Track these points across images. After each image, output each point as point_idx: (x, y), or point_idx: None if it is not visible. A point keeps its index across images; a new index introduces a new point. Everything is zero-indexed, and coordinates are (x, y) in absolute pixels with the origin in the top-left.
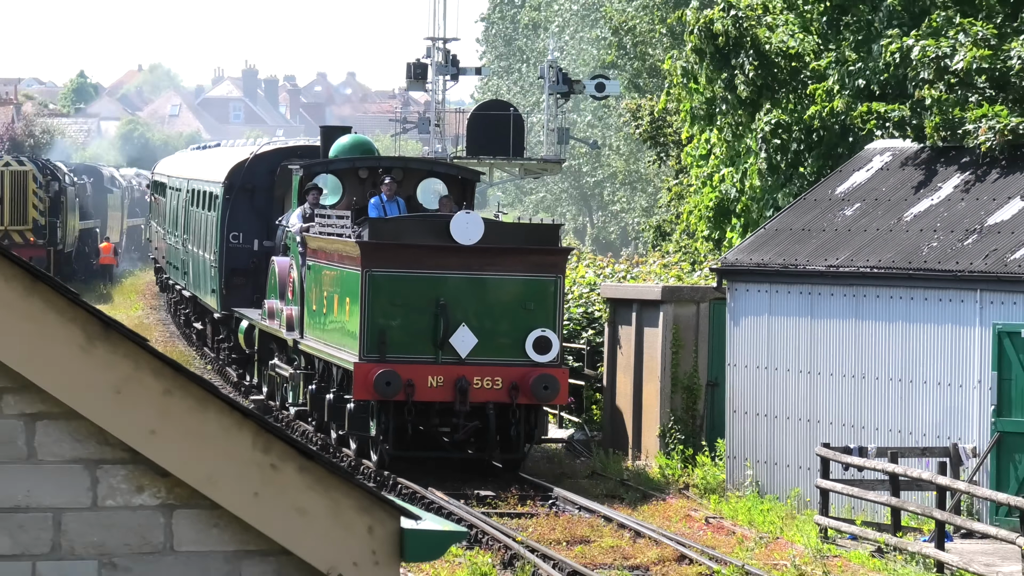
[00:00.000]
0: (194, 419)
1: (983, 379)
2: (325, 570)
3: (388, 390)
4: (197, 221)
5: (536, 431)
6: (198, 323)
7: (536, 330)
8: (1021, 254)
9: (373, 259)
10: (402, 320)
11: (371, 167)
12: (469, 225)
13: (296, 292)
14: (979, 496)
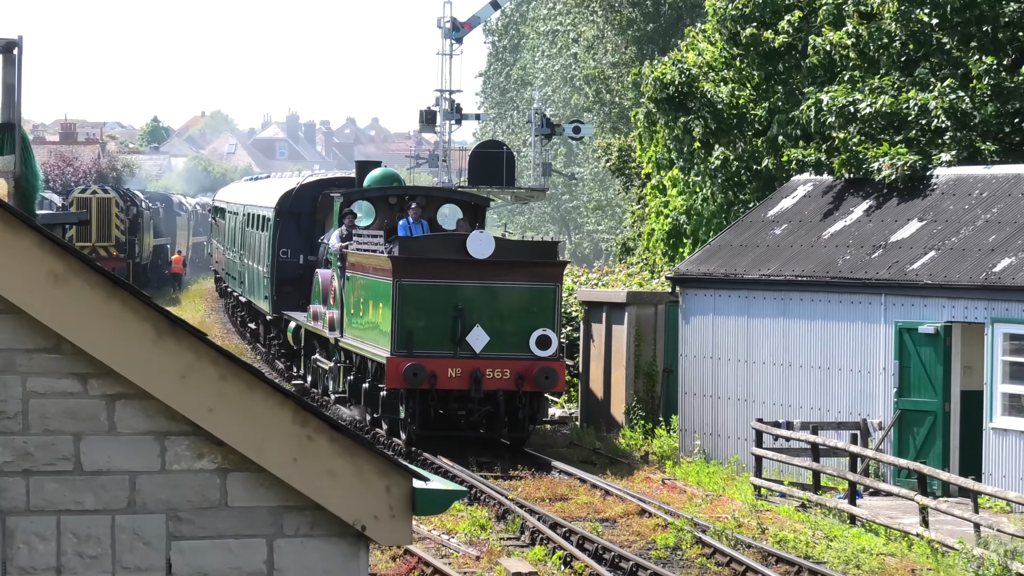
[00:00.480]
0: (244, 399)
1: (887, 366)
2: (351, 522)
3: (415, 380)
4: (252, 239)
5: (538, 414)
6: (252, 323)
7: (538, 330)
8: (918, 265)
9: (403, 271)
10: (426, 322)
11: (399, 195)
12: (482, 242)
13: (336, 299)
14: (884, 461)
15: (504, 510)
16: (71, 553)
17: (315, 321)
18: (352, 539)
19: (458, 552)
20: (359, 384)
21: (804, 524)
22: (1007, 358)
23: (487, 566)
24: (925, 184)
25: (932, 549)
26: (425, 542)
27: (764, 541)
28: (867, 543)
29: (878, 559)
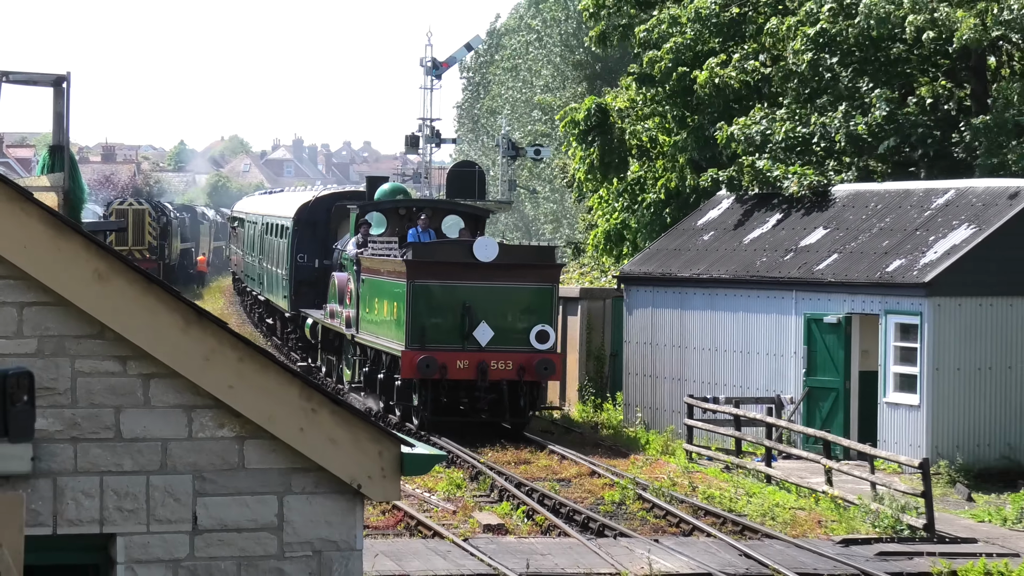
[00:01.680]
0: (259, 377)
1: (797, 351)
2: (349, 481)
3: (428, 371)
4: (271, 245)
5: (538, 401)
6: (269, 319)
7: (538, 325)
8: (823, 266)
9: (416, 273)
10: (437, 318)
11: (408, 207)
12: (488, 247)
13: (353, 299)
14: (795, 430)
15: (477, 472)
16: (112, 508)
17: (332, 318)
18: (350, 496)
19: (438, 507)
20: (374, 375)
21: (728, 483)
22: (897, 344)
23: (462, 519)
24: (829, 198)
25: (836, 504)
26: (410, 499)
27: (695, 497)
28: (781, 499)
29: (790, 512)
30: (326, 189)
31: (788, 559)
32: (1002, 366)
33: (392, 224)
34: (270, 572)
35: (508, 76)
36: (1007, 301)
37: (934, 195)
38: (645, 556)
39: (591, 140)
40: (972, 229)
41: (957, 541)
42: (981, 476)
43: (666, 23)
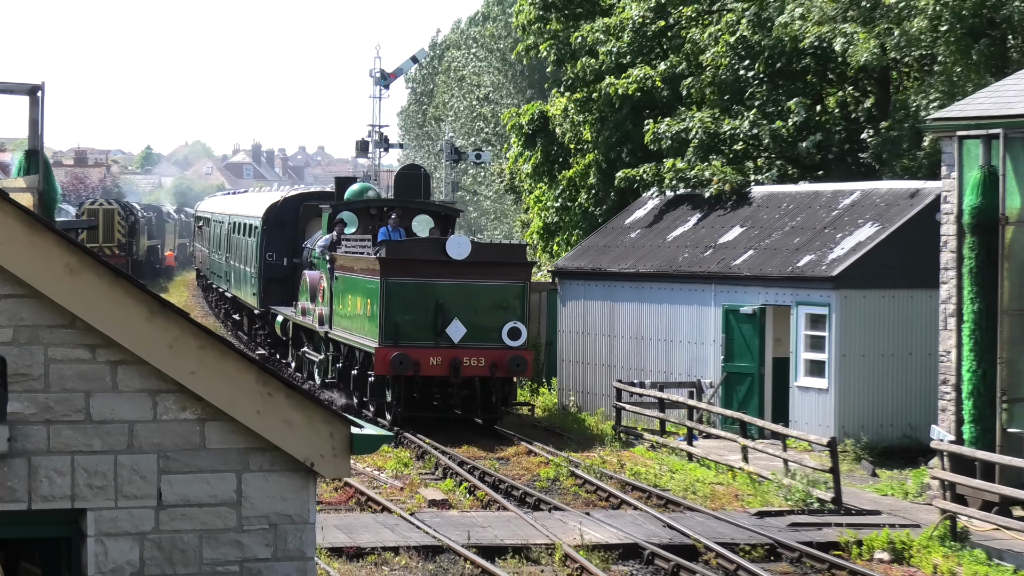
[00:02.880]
0: (219, 364)
1: (716, 339)
2: (303, 460)
3: (401, 367)
4: (239, 243)
5: (510, 397)
6: (236, 315)
7: (510, 322)
8: (739, 261)
9: (389, 271)
10: (410, 316)
11: (379, 206)
12: (460, 245)
13: (325, 296)
14: (714, 412)
15: (422, 451)
16: (82, 485)
17: (304, 316)
18: (303, 473)
19: (386, 484)
20: (347, 371)
21: (653, 461)
22: (807, 332)
23: (409, 495)
24: (746, 198)
25: (751, 479)
26: (361, 476)
27: (623, 474)
28: (701, 475)
29: (710, 487)
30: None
31: (708, 530)
32: (903, 352)
33: (363, 223)
34: (229, 544)
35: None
36: (908, 293)
37: (841, 196)
38: (577, 528)
39: (535, 143)
40: (876, 227)
41: (862, 513)
42: (884, 454)
43: (599, 31)
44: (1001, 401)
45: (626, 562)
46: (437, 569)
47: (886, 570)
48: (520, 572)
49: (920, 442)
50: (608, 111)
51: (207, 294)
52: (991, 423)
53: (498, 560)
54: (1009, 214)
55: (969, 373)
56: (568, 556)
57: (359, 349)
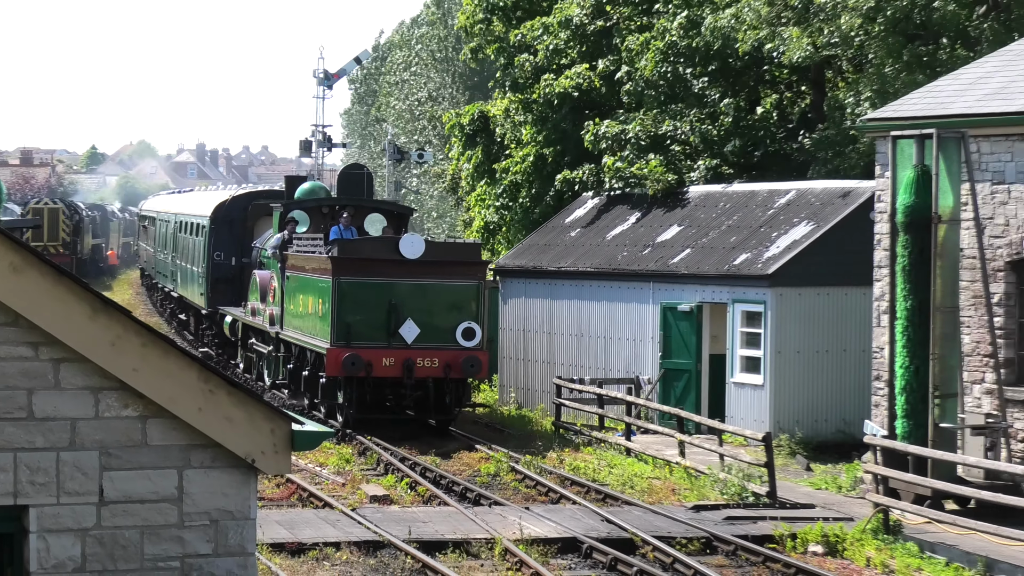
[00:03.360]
0: (161, 362)
1: (654, 336)
2: (244, 456)
3: (353, 368)
4: (185, 243)
5: (464, 398)
6: (182, 315)
7: (464, 322)
8: (677, 260)
9: (341, 270)
10: (363, 316)
11: (331, 205)
12: (414, 244)
13: (276, 296)
14: (652, 408)
15: (364, 448)
16: (25, 481)
17: (253, 316)
18: (244, 470)
19: (328, 480)
20: (298, 372)
21: (592, 456)
22: (743, 329)
23: (350, 490)
24: (683, 198)
25: (688, 474)
26: (303, 473)
27: (562, 469)
28: (639, 469)
29: (647, 481)
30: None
31: (645, 523)
32: (837, 349)
33: (315, 222)
34: (171, 540)
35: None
36: (842, 291)
37: (777, 195)
38: (517, 522)
39: (475, 142)
40: (811, 226)
41: (797, 507)
42: (819, 448)
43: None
44: (933, 397)
45: (565, 556)
46: (378, 564)
47: (820, 563)
48: (460, 566)
49: (854, 437)
50: (547, 111)
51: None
52: (923, 418)
53: (438, 555)
54: (942, 213)
55: (902, 369)
56: (508, 550)
57: (310, 350)
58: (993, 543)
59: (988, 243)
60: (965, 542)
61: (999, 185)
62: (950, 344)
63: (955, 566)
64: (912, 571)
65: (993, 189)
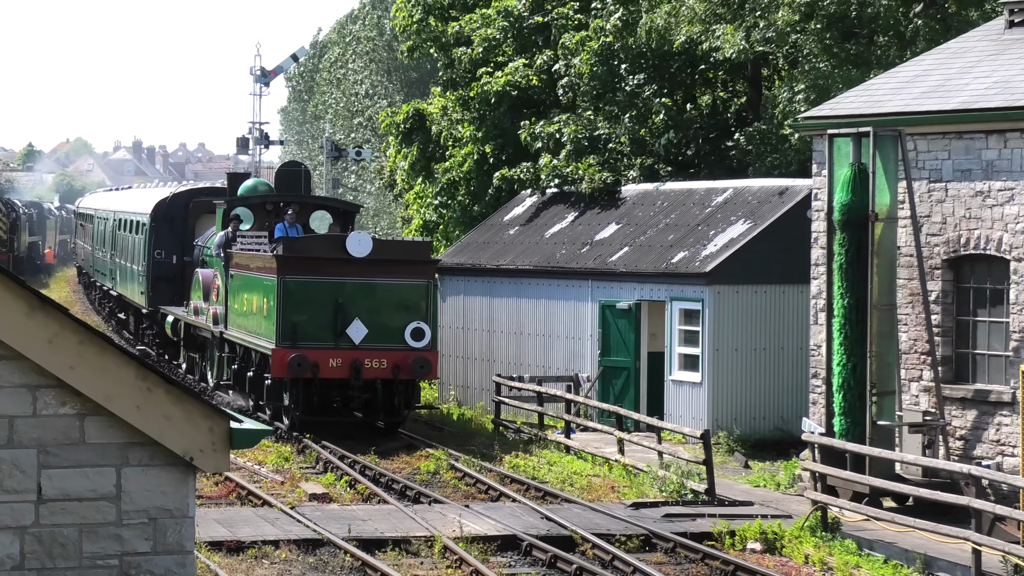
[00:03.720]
0: (98, 359)
1: (593, 334)
2: (182, 454)
3: (299, 370)
4: (125, 241)
5: (413, 400)
6: (121, 314)
7: (413, 322)
8: (615, 258)
9: (287, 269)
10: (309, 315)
11: (275, 202)
12: (361, 242)
13: (221, 295)
14: (591, 405)
15: (303, 446)
16: None
17: (196, 315)
18: (183, 468)
19: (267, 478)
20: (243, 373)
21: (531, 454)
22: (682, 327)
23: (289, 488)
24: (621, 196)
25: (627, 471)
26: (241, 471)
27: (502, 467)
28: (579, 467)
29: (587, 479)
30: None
31: (585, 521)
32: (775, 347)
33: (259, 219)
34: (109, 538)
35: (331, 85)
36: (779, 288)
37: (714, 194)
38: (457, 520)
39: (411, 140)
40: (748, 224)
41: (735, 504)
42: (757, 446)
43: (477, 22)
44: (871, 394)
45: (505, 553)
46: (317, 562)
47: (758, 560)
48: (400, 564)
49: (792, 434)
50: (486, 109)
51: (89, 291)
52: (861, 416)
53: (378, 553)
54: (879, 211)
55: (839, 367)
56: (447, 548)
57: (255, 350)
58: (931, 540)
59: (925, 241)
60: (903, 539)
61: (936, 183)
62: (887, 342)
63: (893, 563)
64: (850, 568)
65: (930, 187)
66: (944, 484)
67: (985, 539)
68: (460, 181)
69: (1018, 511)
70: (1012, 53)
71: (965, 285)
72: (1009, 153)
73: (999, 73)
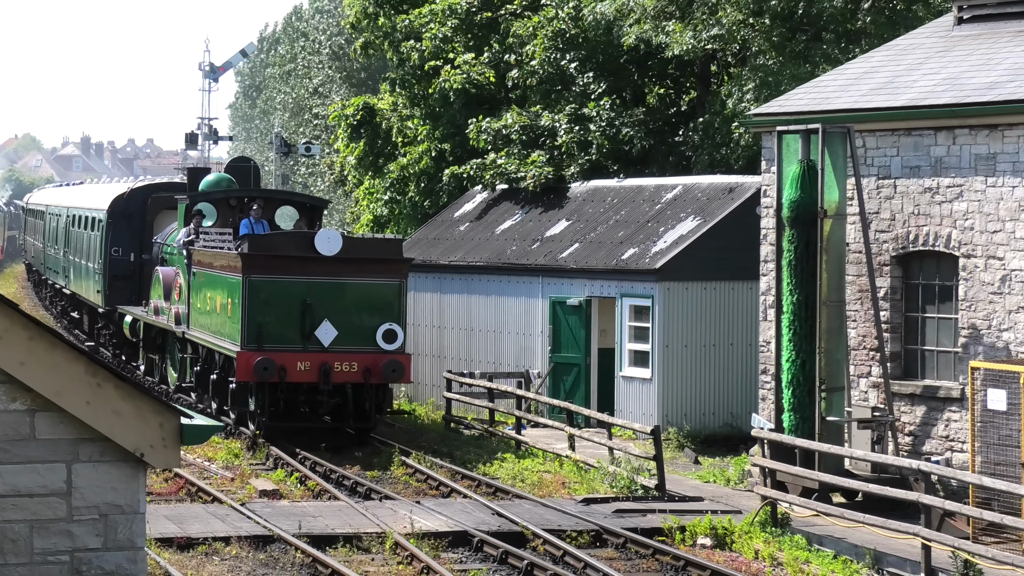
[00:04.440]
0: (48, 355)
1: (543, 330)
2: (132, 450)
3: (265, 374)
4: (79, 237)
5: (385, 404)
6: (75, 313)
7: (385, 324)
8: (566, 254)
9: (252, 268)
10: (276, 317)
11: (240, 197)
12: (330, 240)
13: (183, 294)
14: (542, 401)
15: (253, 441)
16: None
17: (156, 315)
18: (133, 464)
19: (217, 475)
20: (206, 375)
21: (483, 449)
22: (632, 323)
23: (240, 485)
24: (571, 193)
25: (578, 467)
26: (191, 467)
27: (452, 462)
28: (529, 463)
29: (538, 475)
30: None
31: (536, 517)
32: (724, 343)
33: (223, 215)
34: (60, 534)
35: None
36: (729, 285)
37: (664, 190)
38: (408, 516)
39: (360, 135)
40: (697, 221)
41: (685, 499)
42: (707, 441)
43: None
44: (820, 390)
45: (456, 549)
46: (268, 559)
47: (708, 555)
48: (351, 561)
49: (741, 430)
50: (441, 106)
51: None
52: (810, 412)
53: (329, 549)
54: (828, 207)
55: (788, 363)
56: (398, 544)
57: (219, 352)
58: (881, 536)
59: (874, 238)
60: (853, 535)
61: (885, 180)
62: (836, 338)
63: (843, 559)
64: (800, 564)
65: (879, 184)
66: (893, 480)
67: (935, 534)
68: (410, 177)
69: (967, 507)
70: (960, 50)
71: (914, 281)
72: (958, 150)
73: (948, 70)
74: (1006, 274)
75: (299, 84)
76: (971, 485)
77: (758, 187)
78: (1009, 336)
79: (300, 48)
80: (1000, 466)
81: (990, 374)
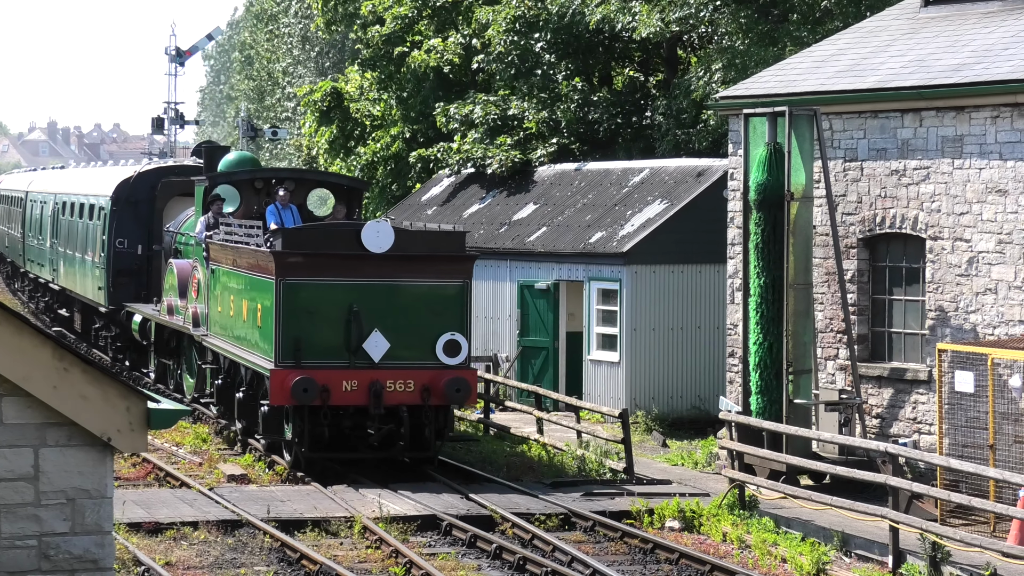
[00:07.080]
0: (14, 340)
1: (512, 314)
2: (99, 435)
3: (305, 396)
4: (73, 227)
5: (446, 429)
6: (63, 310)
7: (446, 334)
8: (534, 238)
9: (287, 269)
10: (316, 327)
11: (266, 178)
12: (380, 234)
13: (201, 292)
14: (510, 385)
15: (222, 426)
16: None
17: (171, 315)
18: (100, 448)
19: (185, 459)
20: (229, 391)
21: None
22: (600, 307)
23: (208, 470)
24: (538, 176)
25: (546, 450)
26: (159, 452)
27: None
28: (498, 447)
29: (506, 458)
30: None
31: (504, 500)
32: (692, 326)
33: (247, 200)
34: (27, 519)
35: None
36: (696, 268)
37: (631, 174)
38: (376, 500)
39: (330, 119)
40: (665, 204)
41: (654, 482)
42: (675, 424)
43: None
44: (787, 373)
45: (425, 533)
46: (236, 543)
47: (677, 538)
48: (320, 545)
49: (709, 413)
50: (412, 88)
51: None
52: (777, 394)
53: (297, 533)
54: (795, 190)
55: (756, 346)
56: (367, 528)
57: (246, 367)
58: (848, 518)
59: (841, 220)
60: (821, 517)
61: (852, 162)
62: (803, 321)
63: (811, 541)
64: (768, 546)
65: (846, 166)
66: (861, 462)
67: (902, 516)
68: (379, 161)
69: (935, 489)
70: (927, 32)
71: (881, 264)
72: (924, 132)
73: (914, 52)
74: (973, 256)
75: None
76: (939, 467)
77: (725, 170)
78: (976, 318)
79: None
80: (968, 448)
81: (957, 356)
